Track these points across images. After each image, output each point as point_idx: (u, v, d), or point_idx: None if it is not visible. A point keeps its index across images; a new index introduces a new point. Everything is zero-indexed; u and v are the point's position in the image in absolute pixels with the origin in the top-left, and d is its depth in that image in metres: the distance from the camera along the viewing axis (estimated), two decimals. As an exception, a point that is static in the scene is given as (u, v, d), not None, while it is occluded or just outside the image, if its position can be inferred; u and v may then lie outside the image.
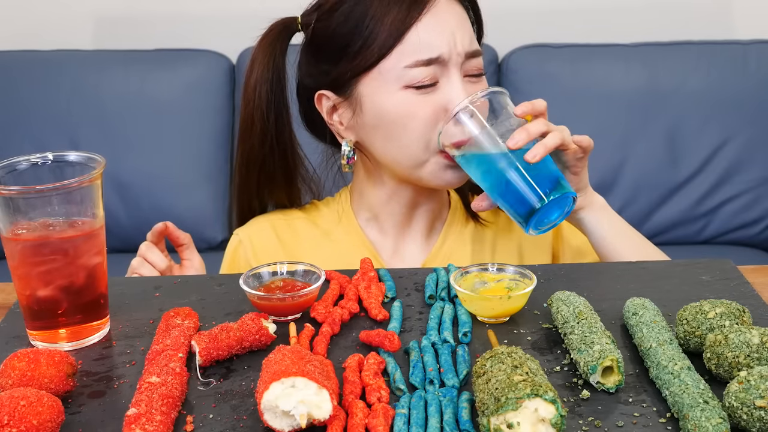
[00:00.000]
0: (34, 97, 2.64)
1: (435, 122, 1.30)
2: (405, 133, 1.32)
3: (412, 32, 1.29)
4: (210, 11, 2.83)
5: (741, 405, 0.81)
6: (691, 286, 1.12)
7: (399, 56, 1.30)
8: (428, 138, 1.31)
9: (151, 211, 2.63)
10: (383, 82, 1.31)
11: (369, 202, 1.44)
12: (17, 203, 0.98)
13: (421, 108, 1.30)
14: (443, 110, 1.30)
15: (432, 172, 1.34)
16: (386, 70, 1.31)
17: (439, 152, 1.31)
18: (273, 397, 0.82)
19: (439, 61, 1.29)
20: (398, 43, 1.29)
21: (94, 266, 1.03)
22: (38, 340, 1.03)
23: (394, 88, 1.31)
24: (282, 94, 1.40)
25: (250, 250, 1.42)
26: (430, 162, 1.33)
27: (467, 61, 1.32)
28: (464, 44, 1.31)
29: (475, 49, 1.33)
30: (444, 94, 1.30)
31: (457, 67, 1.31)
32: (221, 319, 1.05)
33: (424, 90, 1.30)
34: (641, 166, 2.58)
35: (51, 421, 0.83)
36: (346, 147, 1.39)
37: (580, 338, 0.93)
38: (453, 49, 1.30)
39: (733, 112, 2.55)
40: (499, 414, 0.79)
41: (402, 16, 1.29)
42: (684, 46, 2.63)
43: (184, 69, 2.68)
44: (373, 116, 1.34)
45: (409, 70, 1.29)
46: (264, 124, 1.40)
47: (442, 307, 1.06)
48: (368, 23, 1.30)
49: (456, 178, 1.34)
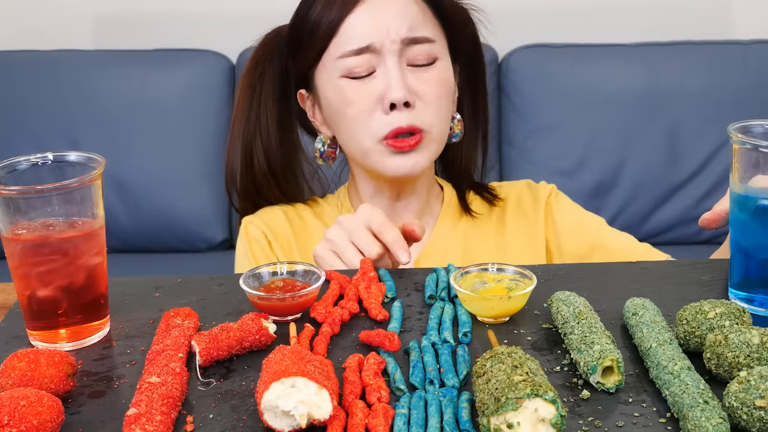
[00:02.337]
0: (34, 97, 2.64)
1: (372, 110, 1.34)
2: (346, 121, 1.37)
3: (345, 23, 1.34)
4: (210, 11, 2.83)
5: (741, 405, 0.81)
6: (691, 286, 1.12)
7: (335, 47, 1.35)
8: (368, 126, 1.35)
9: (151, 211, 2.64)
10: (326, 73, 1.37)
11: (360, 198, 1.47)
12: (17, 203, 0.98)
13: (357, 96, 1.34)
14: (379, 98, 1.34)
15: (378, 161, 1.37)
16: (327, 62, 1.36)
17: (381, 140, 1.34)
18: (273, 397, 0.82)
19: (371, 50, 1.33)
20: (334, 34, 1.35)
21: (94, 266, 1.03)
22: (38, 340, 1.03)
23: (334, 77, 1.36)
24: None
25: (270, 233, 1.44)
26: (374, 150, 1.36)
27: (408, 48, 1.34)
28: (400, 31, 1.33)
29: (417, 36, 1.35)
30: (379, 83, 1.34)
31: (394, 54, 1.33)
32: (221, 319, 1.05)
33: (359, 79, 1.34)
34: (641, 166, 2.58)
35: (51, 421, 0.82)
36: (318, 142, 1.44)
37: (580, 338, 0.93)
38: (385, 37, 1.33)
39: (733, 112, 2.54)
40: (499, 414, 0.79)
41: (339, 8, 1.34)
42: (684, 46, 2.63)
43: (184, 69, 2.68)
44: (326, 107, 1.41)
45: (343, 60, 1.35)
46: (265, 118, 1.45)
47: (442, 307, 1.06)
48: (313, 18, 1.36)
49: (405, 167, 1.36)
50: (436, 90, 1.36)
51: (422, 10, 1.37)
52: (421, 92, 1.35)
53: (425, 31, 1.36)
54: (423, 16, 1.36)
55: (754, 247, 1.03)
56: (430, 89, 1.36)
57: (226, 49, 2.70)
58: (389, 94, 1.33)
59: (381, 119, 1.35)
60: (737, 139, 1.01)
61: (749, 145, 1.00)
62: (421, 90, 1.35)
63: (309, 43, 1.37)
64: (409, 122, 1.34)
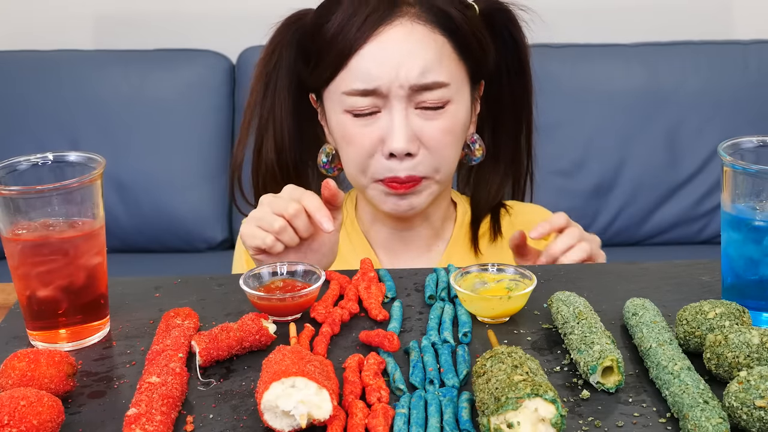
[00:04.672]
0: (34, 97, 2.64)
1: (371, 151, 1.28)
2: (345, 155, 1.32)
3: (355, 58, 1.26)
4: (210, 11, 2.83)
5: (741, 405, 0.81)
6: (691, 286, 1.12)
7: (341, 81, 1.27)
8: (364, 165, 1.29)
9: (151, 211, 2.63)
10: (331, 101, 1.31)
11: (362, 218, 1.43)
12: (17, 203, 0.98)
13: (357, 135, 1.28)
14: (380, 140, 1.27)
15: (374, 196, 1.32)
16: (333, 92, 1.29)
17: (375, 180, 1.29)
18: (273, 397, 0.82)
19: (377, 93, 1.25)
20: (343, 67, 1.27)
21: (94, 266, 1.03)
22: (38, 340, 1.03)
23: (338, 109, 1.29)
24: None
25: None
26: (371, 187, 1.31)
27: (418, 94, 1.26)
28: (410, 77, 1.24)
29: (428, 83, 1.25)
30: (382, 125, 1.27)
31: (401, 100, 1.25)
32: (221, 319, 1.05)
33: (362, 118, 1.27)
34: (641, 166, 2.58)
35: (51, 421, 0.82)
36: (322, 153, 1.37)
37: (580, 338, 0.93)
38: (394, 81, 1.24)
39: (733, 112, 2.55)
40: (499, 414, 0.79)
41: (350, 41, 1.26)
42: (684, 46, 2.63)
43: (184, 69, 2.68)
44: (331, 130, 1.34)
45: (347, 97, 1.27)
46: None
47: (442, 307, 1.06)
48: (329, 34, 1.27)
49: (401, 208, 1.30)
50: (444, 138, 1.28)
51: (440, 47, 1.27)
52: (426, 139, 1.27)
53: (439, 75, 1.26)
54: (439, 56, 1.27)
55: (743, 268, 1.02)
56: (436, 137, 1.28)
57: (226, 49, 2.70)
58: (390, 143, 1.26)
59: (380, 163, 1.28)
60: (727, 162, 0.99)
61: (740, 168, 0.99)
62: (427, 137, 1.27)
63: (319, 65, 1.29)
64: (408, 173, 1.27)
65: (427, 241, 1.41)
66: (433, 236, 1.41)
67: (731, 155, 1.00)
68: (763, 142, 1.03)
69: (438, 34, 1.28)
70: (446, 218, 1.42)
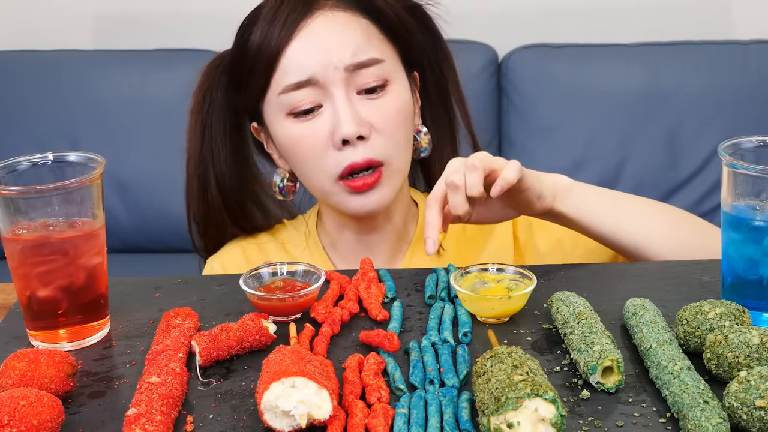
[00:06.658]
0: (33, 97, 2.64)
1: (324, 149, 1.25)
2: (299, 163, 1.29)
3: (284, 56, 1.24)
4: (210, 11, 2.83)
5: (741, 405, 0.81)
6: (691, 286, 1.12)
7: (275, 84, 1.26)
8: (322, 165, 1.25)
9: (151, 211, 2.63)
10: (272, 111, 1.28)
11: (326, 230, 1.40)
12: (17, 203, 0.98)
13: (305, 135, 1.25)
14: (329, 135, 1.24)
15: (339, 201, 1.28)
16: (271, 98, 1.27)
17: (338, 179, 1.26)
18: (273, 397, 0.83)
19: (313, 83, 1.24)
20: (274, 69, 1.25)
21: (95, 266, 1.03)
22: (38, 340, 1.03)
23: (280, 116, 1.27)
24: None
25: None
26: (333, 191, 1.27)
27: (355, 74, 1.24)
28: (343, 57, 1.23)
29: (362, 60, 1.24)
30: (327, 118, 1.24)
31: (339, 85, 1.23)
32: (221, 319, 1.05)
33: (305, 116, 1.25)
34: (641, 166, 2.58)
35: (51, 421, 0.83)
36: (276, 177, 1.36)
37: (580, 338, 0.93)
38: (328, 65, 1.23)
39: (733, 112, 2.55)
40: (499, 414, 0.79)
41: (275, 43, 1.24)
42: (684, 46, 2.62)
43: (184, 69, 2.66)
44: (278, 144, 1.32)
45: (285, 97, 1.25)
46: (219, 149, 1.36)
47: (442, 308, 1.06)
48: (252, 49, 1.26)
49: (368, 205, 1.27)
50: (392, 118, 1.26)
51: (364, 28, 1.26)
52: (375, 122, 1.25)
53: (371, 52, 1.25)
54: (367, 36, 1.26)
55: (743, 269, 1.02)
56: (385, 118, 1.26)
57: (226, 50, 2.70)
58: (339, 130, 1.23)
59: (334, 157, 1.25)
60: (727, 162, 0.99)
61: (740, 168, 0.99)
62: (375, 120, 1.25)
63: (251, 79, 1.27)
64: (365, 156, 1.24)
65: (393, 245, 1.39)
66: (397, 239, 1.39)
67: (731, 155, 1.00)
68: (763, 142, 1.04)
69: (361, 17, 1.27)
70: (409, 218, 1.40)
